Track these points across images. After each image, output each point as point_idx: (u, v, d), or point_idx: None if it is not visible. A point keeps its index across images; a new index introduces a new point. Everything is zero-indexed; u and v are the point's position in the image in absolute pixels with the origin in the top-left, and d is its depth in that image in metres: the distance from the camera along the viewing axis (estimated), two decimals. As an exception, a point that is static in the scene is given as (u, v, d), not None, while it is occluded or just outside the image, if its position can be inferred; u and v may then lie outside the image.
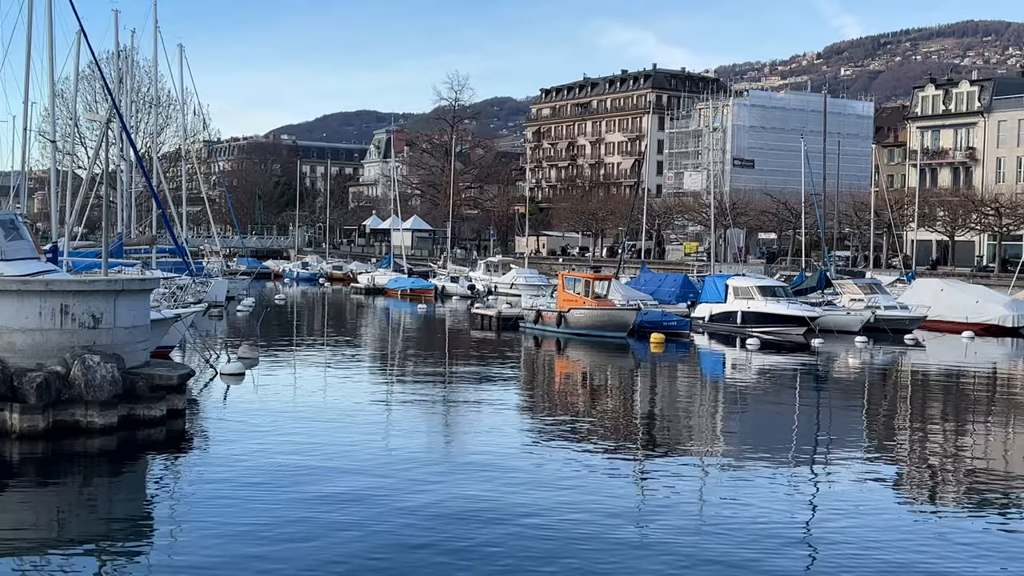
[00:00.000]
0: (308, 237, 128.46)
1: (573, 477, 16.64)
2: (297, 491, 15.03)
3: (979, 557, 12.69)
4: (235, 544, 12.45)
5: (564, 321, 41.70)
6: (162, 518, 14.03)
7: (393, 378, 30.19)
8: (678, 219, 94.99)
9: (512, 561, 12.04)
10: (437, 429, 22.01)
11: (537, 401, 27.56)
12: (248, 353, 30.51)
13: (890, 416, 25.76)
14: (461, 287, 68.37)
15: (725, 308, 44.42)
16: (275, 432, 19.79)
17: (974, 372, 35.57)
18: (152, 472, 17.15)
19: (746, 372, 34.74)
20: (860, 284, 49.50)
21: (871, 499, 15.83)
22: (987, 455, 20.57)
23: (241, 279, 60.42)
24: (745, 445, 20.53)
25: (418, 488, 15.44)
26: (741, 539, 13.09)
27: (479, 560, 12.05)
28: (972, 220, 72.47)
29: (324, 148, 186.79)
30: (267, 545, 12.40)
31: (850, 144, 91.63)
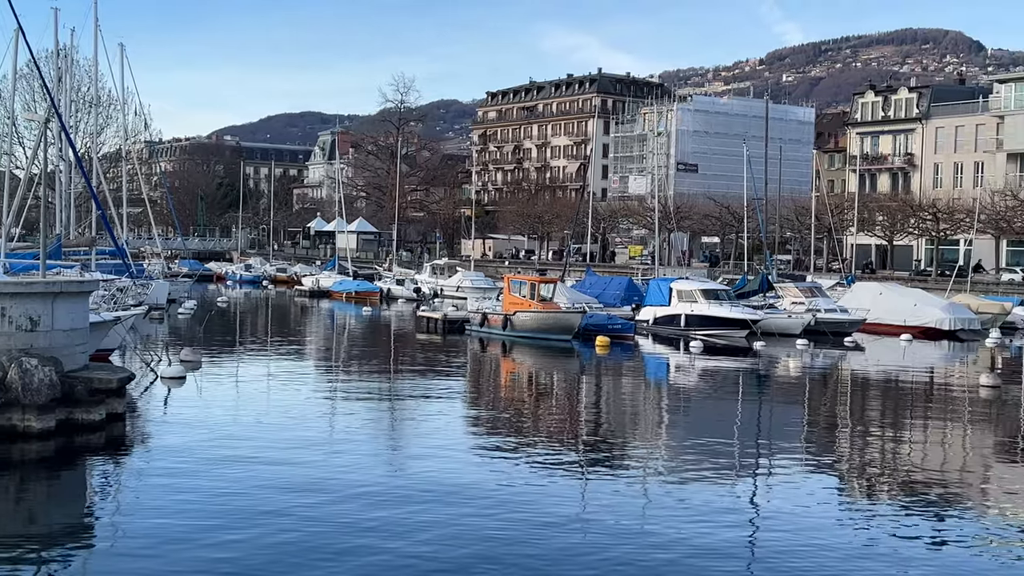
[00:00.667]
0: (251, 239, 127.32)
1: (516, 480, 16.66)
2: (238, 496, 14.89)
3: (913, 558, 12.91)
4: (175, 551, 12.30)
5: (510, 324, 41.77)
6: (101, 524, 13.84)
7: (337, 381, 30.02)
8: (623, 223, 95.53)
9: (446, 563, 12.01)
10: (381, 432, 21.93)
11: (482, 404, 27.57)
12: (190, 356, 30.18)
13: (830, 418, 26.13)
14: (407, 290, 68.17)
15: (669, 311, 44.79)
16: (217, 437, 19.58)
17: (912, 374, 36.19)
18: (91, 477, 16.90)
19: (689, 374, 35.04)
20: (801, 288, 50.21)
21: (811, 500, 16.04)
22: (924, 457, 20.95)
23: (183, 281, 59.75)
24: (688, 447, 20.71)
25: (361, 491, 15.37)
26: (682, 540, 13.20)
27: (416, 559, 12.03)
28: (910, 225, 73.76)
29: (268, 149, 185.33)
30: (207, 551, 12.28)
31: (792, 149, 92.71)
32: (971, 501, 16.58)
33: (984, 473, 19.24)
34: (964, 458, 21.03)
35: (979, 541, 13.75)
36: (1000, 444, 22.39)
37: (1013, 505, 16.26)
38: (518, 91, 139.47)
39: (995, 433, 24.02)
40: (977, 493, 17.35)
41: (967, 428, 24.63)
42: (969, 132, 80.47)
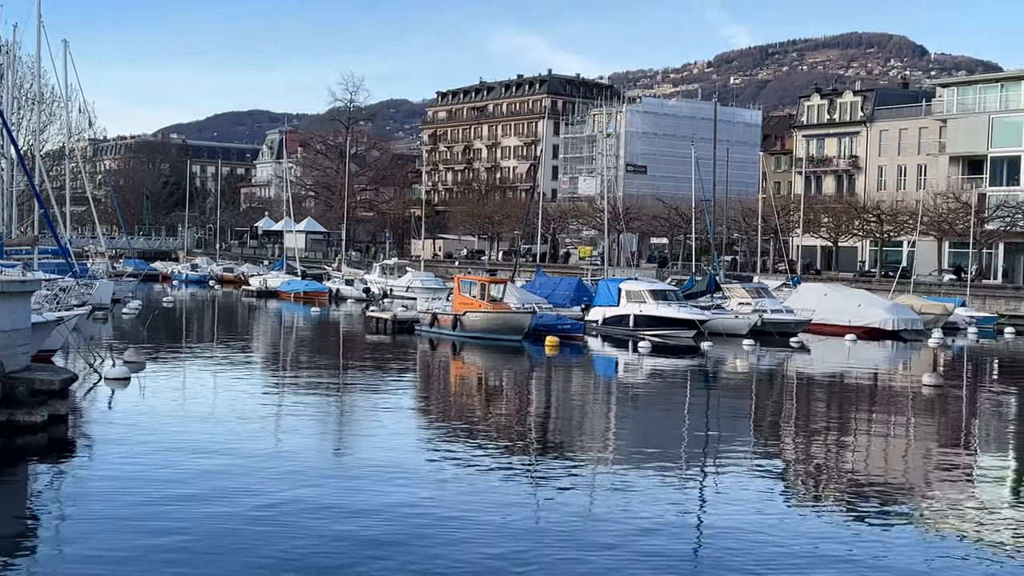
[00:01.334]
0: (198, 238, 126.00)
1: (464, 480, 16.65)
2: (182, 498, 14.71)
3: (858, 558, 13.08)
4: (118, 553, 12.12)
5: (460, 324, 41.72)
6: (44, 527, 13.60)
7: (285, 382, 29.79)
8: (573, 223, 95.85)
9: (395, 563, 11.96)
10: (329, 432, 21.80)
11: (432, 404, 27.52)
12: (134, 357, 29.78)
13: (776, 418, 26.41)
14: (356, 290, 67.85)
15: (618, 311, 45.02)
16: (161, 438, 19.34)
17: (856, 374, 36.69)
18: (33, 479, 16.60)
19: (638, 374, 35.24)
20: (748, 288, 50.72)
21: (757, 500, 16.19)
22: (868, 456, 21.24)
23: (127, 281, 58.95)
24: (636, 446, 20.82)
25: (309, 492, 15.26)
26: (629, 539, 13.26)
27: (366, 559, 11.97)
28: (855, 226, 74.77)
29: (215, 148, 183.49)
30: (150, 552, 12.12)
31: (739, 151, 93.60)
32: (914, 500, 16.83)
33: (926, 472, 19.55)
34: (907, 457, 21.35)
35: (922, 540, 13.96)
36: (942, 443, 22.76)
37: (955, 504, 16.53)
38: (468, 91, 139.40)
39: (938, 432, 24.42)
40: (920, 492, 17.62)
41: (910, 427, 25.02)
42: (912, 135, 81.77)
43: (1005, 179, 72.17)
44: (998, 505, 16.62)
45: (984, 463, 20.61)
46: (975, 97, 76.54)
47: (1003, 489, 18.33)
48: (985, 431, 24.93)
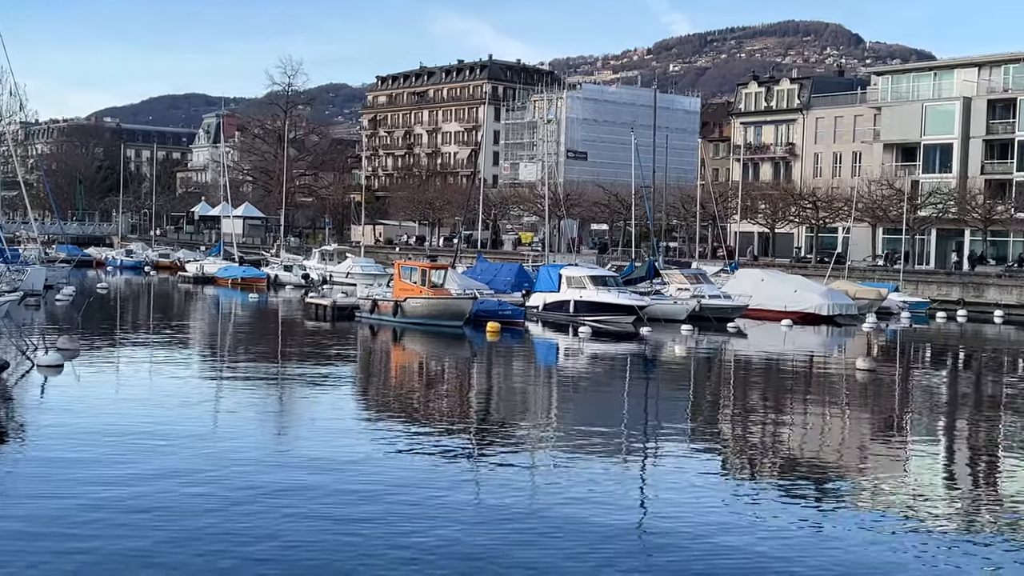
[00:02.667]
0: (133, 224, 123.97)
1: (405, 465, 16.62)
2: (116, 482, 14.51)
3: (793, 536, 13.29)
4: (50, 542, 11.92)
5: (400, 310, 41.58)
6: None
7: (222, 370, 29.48)
8: (514, 209, 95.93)
9: (327, 548, 11.91)
10: (268, 418, 21.61)
11: (372, 390, 27.43)
12: (68, 344, 29.27)
13: (714, 401, 26.72)
14: (295, 276, 67.27)
15: (559, 297, 45.17)
16: (95, 424, 19.05)
17: (792, 359, 37.22)
18: (-38, 469, 16.26)
19: (578, 360, 35.42)
20: (686, 274, 51.14)
21: (695, 483, 16.36)
22: (803, 438, 21.58)
23: (60, 267, 57.86)
24: (576, 431, 20.94)
25: (247, 477, 15.13)
26: (570, 523, 13.34)
27: (306, 544, 11.91)
28: (791, 213, 75.73)
29: (150, 132, 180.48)
30: (83, 541, 11.93)
31: (678, 138, 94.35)
32: (848, 480, 17.14)
33: (860, 453, 19.91)
34: (841, 439, 21.73)
35: (855, 518, 14.22)
36: (875, 425, 23.19)
37: (887, 482, 16.86)
38: (408, 76, 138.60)
39: (871, 414, 24.88)
40: (854, 472, 17.95)
41: (844, 410, 25.45)
42: (848, 123, 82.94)
43: (937, 167, 73.53)
44: (928, 482, 17.00)
45: (915, 443, 21.05)
46: (909, 85, 77.85)
47: (933, 467, 18.74)
48: (916, 413, 25.45)
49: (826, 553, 12.40)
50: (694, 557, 12.06)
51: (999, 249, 68.61)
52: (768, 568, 11.73)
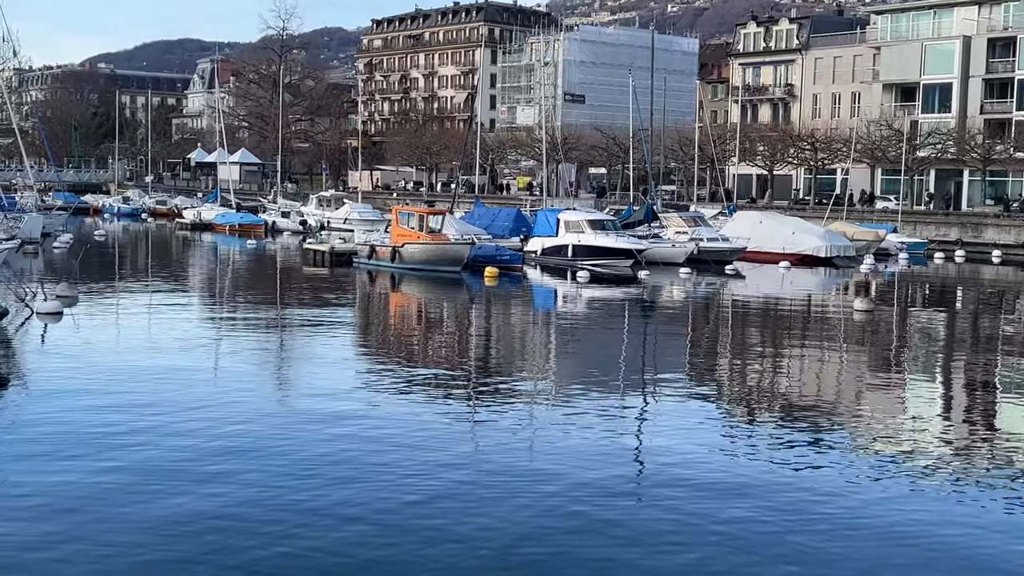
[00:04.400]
0: (129, 171, 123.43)
1: (403, 411, 16.72)
2: (118, 429, 14.59)
3: (791, 479, 13.41)
4: (54, 489, 12.02)
5: (398, 256, 41.57)
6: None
7: (222, 317, 29.53)
8: (511, 154, 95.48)
9: (326, 496, 12.00)
10: (267, 364, 21.69)
11: (371, 336, 27.53)
12: (66, 292, 29.28)
13: (712, 345, 26.82)
14: (292, 222, 67.14)
15: (557, 242, 45.12)
16: (96, 372, 19.13)
17: (790, 301, 37.31)
18: (-36, 417, 16.36)
19: (577, 304, 35.49)
20: (684, 217, 51.07)
21: (694, 426, 16.48)
22: (801, 380, 21.71)
23: (58, 214, 57.68)
24: (575, 376, 21.06)
25: (244, 422, 15.23)
26: (568, 469, 13.45)
27: (297, 491, 12.01)
28: (790, 154, 75.42)
29: (145, 77, 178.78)
30: (87, 486, 12.03)
31: (676, 80, 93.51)
32: (845, 420, 17.26)
33: (857, 393, 20.03)
34: (838, 380, 21.84)
35: (851, 458, 14.34)
36: (872, 366, 23.31)
37: (883, 422, 16.99)
38: (404, 19, 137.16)
39: (868, 356, 24.99)
40: (850, 412, 18.07)
41: (842, 351, 25.56)
42: (847, 63, 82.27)
43: (937, 106, 73.10)
44: (924, 424, 17.12)
45: (912, 383, 21.17)
46: (908, 24, 77.11)
47: (930, 407, 18.87)
48: (913, 353, 25.57)
49: (822, 492, 12.51)
50: (689, 496, 12.17)
51: (997, 189, 68.46)
52: (763, 507, 11.85)
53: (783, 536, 11.07)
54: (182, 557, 10.01)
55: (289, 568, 9.85)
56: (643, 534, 10.98)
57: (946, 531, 11.53)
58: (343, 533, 10.76)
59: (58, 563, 9.84)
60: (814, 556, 10.56)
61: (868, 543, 10.92)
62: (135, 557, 10.01)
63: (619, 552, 10.46)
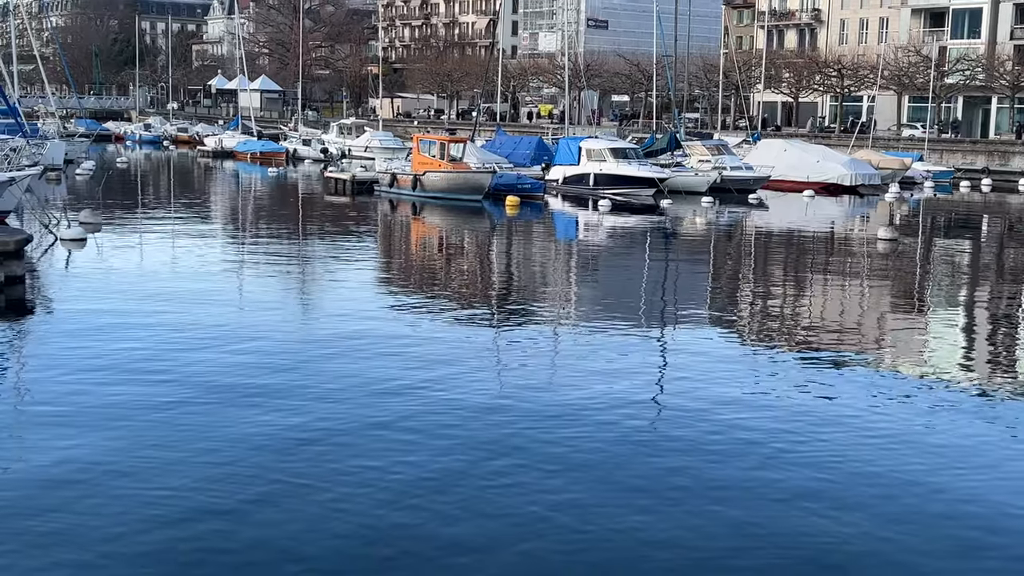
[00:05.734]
0: (150, 98, 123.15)
1: (426, 340, 16.79)
2: (145, 355, 14.74)
3: (810, 407, 13.44)
4: (80, 414, 12.20)
5: (419, 184, 41.46)
6: (4, 387, 13.61)
7: (244, 244, 29.64)
8: (533, 81, 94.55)
9: (351, 419, 12.11)
10: (290, 292, 21.81)
11: (393, 266, 27.59)
12: (90, 218, 29.46)
13: (733, 273, 26.76)
14: (313, 150, 67.01)
15: (578, 170, 44.85)
16: (121, 298, 19.30)
17: (813, 230, 37.07)
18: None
19: (598, 233, 35.39)
20: (708, 145, 50.62)
21: (714, 354, 16.50)
22: (823, 309, 21.65)
23: (80, 141, 57.82)
24: (596, 304, 21.08)
25: (268, 348, 15.36)
26: (589, 396, 13.52)
27: (321, 414, 12.13)
28: (816, 81, 74.40)
29: (164, 3, 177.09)
30: (115, 410, 12.19)
31: (701, 5, 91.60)
32: (867, 351, 17.25)
33: (879, 324, 19.98)
34: (861, 310, 21.78)
35: (872, 389, 14.35)
36: (895, 295, 23.21)
37: (906, 353, 16.96)
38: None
39: (891, 285, 24.87)
40: (873, 343, 18.04)
41: (865, 281, 25.45)
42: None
43: (966, 32, 71.77)
44: (945, 351, 17.08)
45: (934, 313, 21.09)
46: (939, -53, 75.42)
47: (953, 337, 18.80)
48: (937, 283, 25.43)
49: (842, 423, 12.54)
50: (709, 429, 12.21)
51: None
52: (782, 439, 11.90)
53: (805, 444, 11.18)
54: (220, 475, 10.13)
55: (324, 479, 9.98)
56: (663, 449, 11.05)
57: (969, 443, 11.62)
58: (391, 444, 10.88)
59: (106, 473, 10.00)
60: (835, 463, 10.61)
61: (887, 451, 11.00)
62: (170, 477, 10.15)
63: (639, 458, 10.53)
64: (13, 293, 19.13)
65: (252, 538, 8.82)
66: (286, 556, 8.52)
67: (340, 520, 9.20)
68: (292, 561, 8.45)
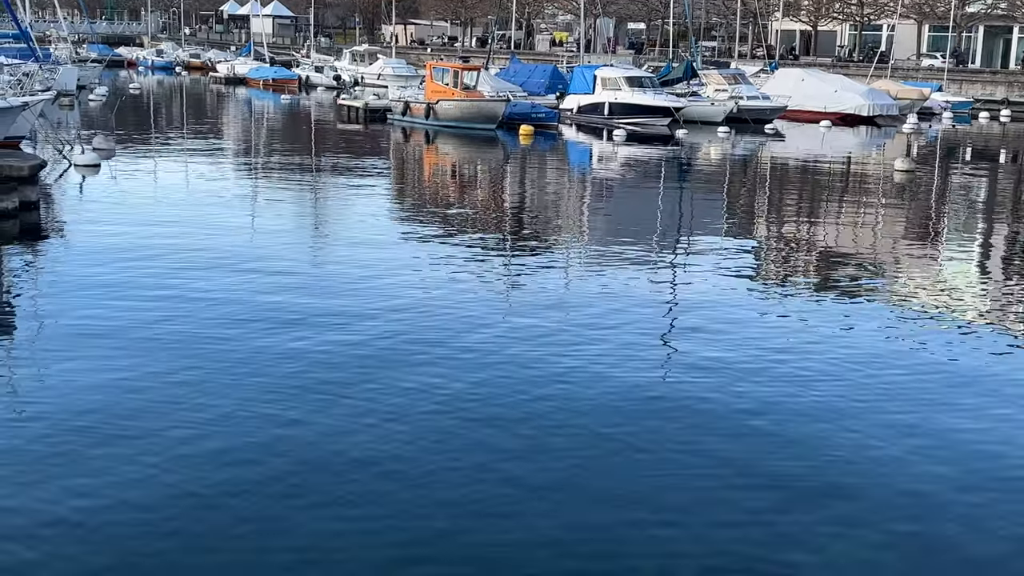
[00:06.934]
0: (162, 23, 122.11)
1: (438, 270, 16.81)
2: (160, 280, 14.81)
3: (824, 337, 13.46)
4: (97, 334, 12.30)
5: (433, 113, 41.23)
6: (22, 312, 13.72)
7: (257, 171, 29.59)
8: (548, 8, 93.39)
9: (366, 354, 12.17)
10: (304, 220, 21.83)
11: (406, 194, 27.55)
12: (103, 144, 29.44)
13: (748, 204, 26.64)
14: (326, 78, 66.60)
15: (593, 99, 44.50)
16: (135, 224, 19.33)
17: (829, 160, 36.80)
18: (8, 263, 16.63)
19: (612, 164, 35.20)
20: (725, 75, 50.11)
21: (728, 285, 16.48)
22: (837, 240, 21.57)
23: (92, 67, 57.52)
24: (608, 234, 21.04)
25: (281, 277, 15.42)
26: (604, 328, 13.57)
27: (335, 346, 12.21)
28: (835, 9, 73.29)
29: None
30: (132, 334, 12.29)
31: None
32: (880, 280, 17.22)
33: (894, 254, 19.91)
34: (875, 240, 21.69)
35: (885, 317, 14.35)
36: (911, 226, 23.10)
37: (920, 283, 16.92)
38: None
39: (907, 216, 24.75)
40: (886, 273, 18.00)
41: (880, 212, 25.31)
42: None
43: (989, -40, 70.35)
44: (960, 285, 17.04)
45: (950, 245, 21.00)
46: None
47: (967, 268, 18.74)
48: (953, 214, 25.29)
49: (852, 350, 12.56)
50: (720, 353, 12.25)
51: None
52: (793, 363, 11.93)
53: (817, 377, 11.21)
54: (265, 386, 10.25)
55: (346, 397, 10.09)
56: (677, 374, 11.11)
57: (988, 372, 11.67)
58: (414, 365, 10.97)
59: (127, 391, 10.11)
60: (849, 384, 10.66)
61: (903, 375, 11.05)
62: (196, 394, 10.26)
63: (651, 382, 10.60)
64: (28, 218, 19.19)
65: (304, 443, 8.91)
66: (338, 457, 8.62)
67: (380, 424, 9.28)
68: (348, 463, 8.55)
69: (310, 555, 7.25)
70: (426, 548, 7.41)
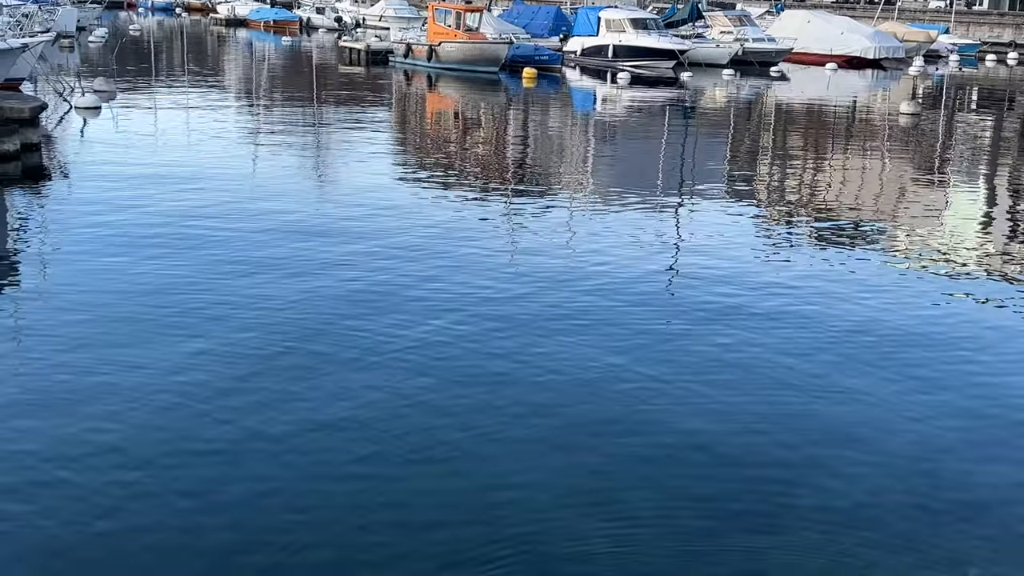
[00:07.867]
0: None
1: (442, 215, 16.79)
2: (162, 222, 14.80)
3: (826, 282, 13.47)
4: (101, 273, 12.32)
5: (435, 55, 40.91)
6: (27, 252, 13.73)
7: (259, 113, 29.42)
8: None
9: (368, 299, 12.19)
10: (305, 163, 21.75)
11: (408, 138, 27.42)
12: (104, 86, 29.28)
13: (752, 147, 26.51)
14: (327, 19, 66.01)
15: (597, 41, 44.14)
16: (136, 166, 19.28)
17: (834, 103, 36.55)
18: (10, 206, 16.62)
19: (616, 107, 34.98)
20: (730, 16, 49.63)
21: (732, 229, 16.46)
22: (842, 184, 21.49)
23: (92, 8, 57.01)
24: (612, 178, 20.98)
25: (283, 221, 15.40)
26: (608, 271, 13.57)
27: (337, 292, 12.22)
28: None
29: None
30: (133, 277, 12.31)
31: None
32: (885, 225, 17.18)
33: (898, 198, 19.85)
34: (880, 184, 21.61)
35: (889, 263, 14.35)
36: (915, 170, 23.01)
37: (924, 228, 16.89)
38: None
39: (912, 160, 24.64)
40: (891, 217, 17.96)
41: (885, 155, 25.19)
42: None
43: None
44: (965, 227, 17.01)
45: (955, 188, 20.93)
46: None
47: (972, 212, 18.69)
48: (958, 158, 25.17)
49: (856, 296, 12.57)
50: (723, 296, 12.27)
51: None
52: (797, 309, 11.95)
53: (816, 321, 11.22)
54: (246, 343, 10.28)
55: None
56: (678, 322, 11.13)
57: (984, 317, 11.68)
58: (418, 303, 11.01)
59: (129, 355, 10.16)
60: (848, 326, 10.70)
61: (907, 323, 11.07)
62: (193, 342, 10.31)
63: (656, 327, 10.62)
64: (30, 160, 19.15)
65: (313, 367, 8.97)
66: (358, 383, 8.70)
67: (388, 352, 9.35)
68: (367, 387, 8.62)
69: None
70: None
